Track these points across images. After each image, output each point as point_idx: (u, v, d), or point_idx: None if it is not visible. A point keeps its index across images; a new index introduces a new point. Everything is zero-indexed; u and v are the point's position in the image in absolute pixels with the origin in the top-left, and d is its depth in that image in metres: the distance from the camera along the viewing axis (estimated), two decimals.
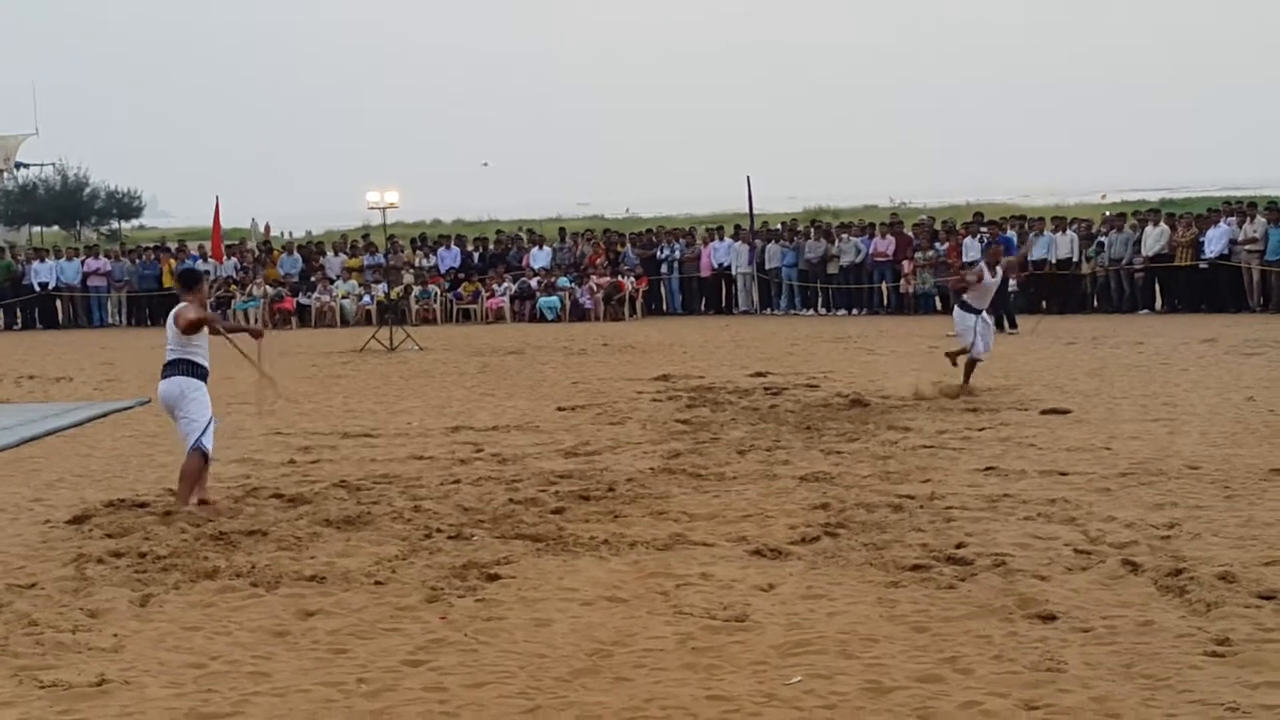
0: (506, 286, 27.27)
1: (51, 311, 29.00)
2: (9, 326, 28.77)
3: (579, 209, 61.96)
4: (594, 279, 26.89)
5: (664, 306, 27.70)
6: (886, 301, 25.89)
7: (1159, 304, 23.81)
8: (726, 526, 7.68)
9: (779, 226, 28.14)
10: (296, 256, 29.56)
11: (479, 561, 6.92)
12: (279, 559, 7.08)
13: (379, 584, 6.58)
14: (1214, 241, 22.80)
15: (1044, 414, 11.62)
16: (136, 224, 57.47)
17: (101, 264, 29.20)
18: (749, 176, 28.06)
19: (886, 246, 25.68)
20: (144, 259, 29.26)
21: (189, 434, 8.40)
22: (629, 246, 28.34)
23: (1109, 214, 27.15)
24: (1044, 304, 23.77)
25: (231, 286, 27.76)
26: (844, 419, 11.75)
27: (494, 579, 6.64)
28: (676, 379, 15.26)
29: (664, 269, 27.69)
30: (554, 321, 25.94)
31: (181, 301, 8.64)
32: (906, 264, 25.38)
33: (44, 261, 29.32)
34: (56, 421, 12.60)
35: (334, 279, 28.10)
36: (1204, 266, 22.93)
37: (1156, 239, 23.42)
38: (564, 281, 26.98)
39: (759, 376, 15.26)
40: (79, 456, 10.82)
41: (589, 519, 7.95)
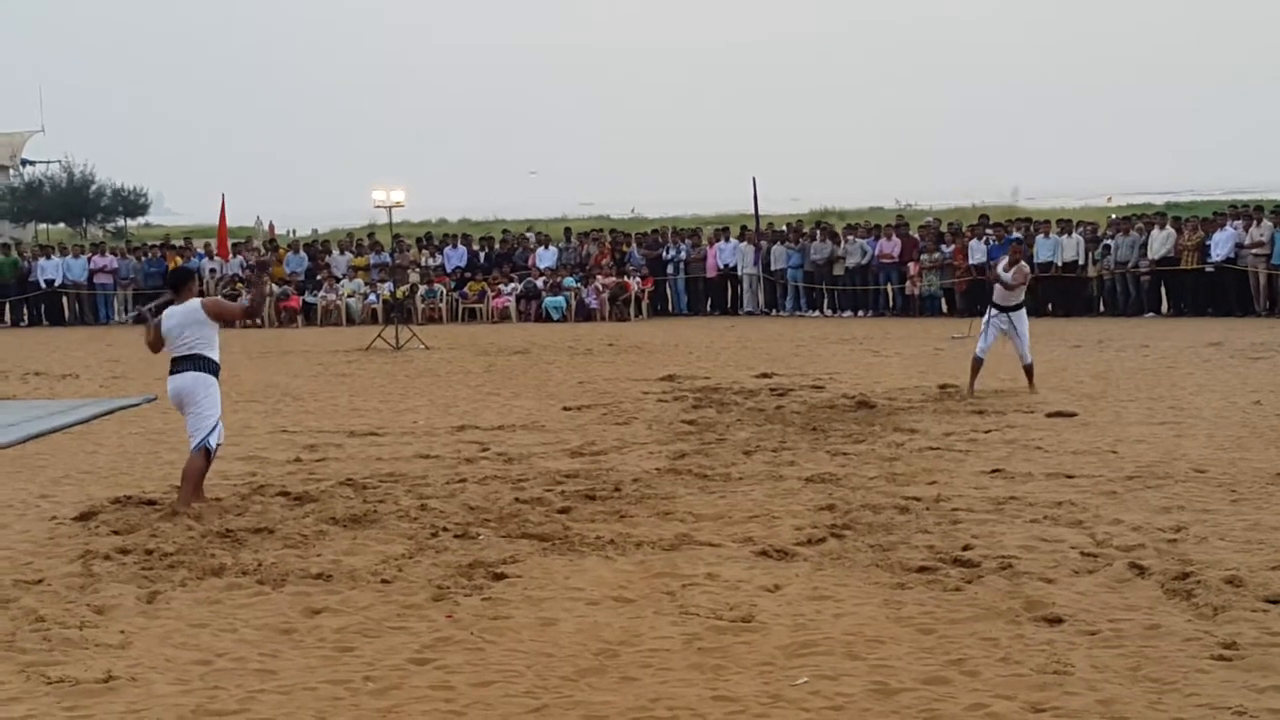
0: (513, 286, 27.30)
1: (58, 308, 29.06)
2: (15, 323, 28.85)
3: (583, 209, 61.93)
4: (600, 279, 26.90)
5: (669, 307, 27.71)
6: (892, 303, 25.89)
7: (1165, 307, 23.79)
8: (732, 527, 7.68)
9: (784, 228, 28.14)
10: (303, 255, 29.62)
11: (485, 560, 6.92)
12: (285, 557, 7.08)
13: (385, 582, 6.59)
14: (1220, 245, 22.79)
15: (1050, 417, 11.62)
16: (142, 221, 57.50)
17: (108, 261, 29.24)
18: (754, 177, 28.09)
19: (892, 248, 25.69)
20: (150, 256, 29.31)
21: (198, 431, 8.36)
22: (635, 247, 28.35)
23: (1115, 217, 27.15)
24: (1050, 306, 23.76)
25: (237, 284, 27.79)
26: (850, 420, 11.75)
27: (500, 578, 6.64)
28: (682, 379, 15.26)
29: (670, 269, 27.71)
30: (559, 321, 25.94)
31: (174, 302, 8.57)
32: (912, 266, 25.39)
33: (50, 258, 29.41)
34: (63, 418, 12.62)
35: (340, 277, 28.15)
36: (1210, 270, 22.92)
37: (1163, 242, 23.41)
38: (570, 281, 26.99)
39: (765, 377, 15.26)
40: (85, 453, 10.83)
41: (595, 519, 7.94)
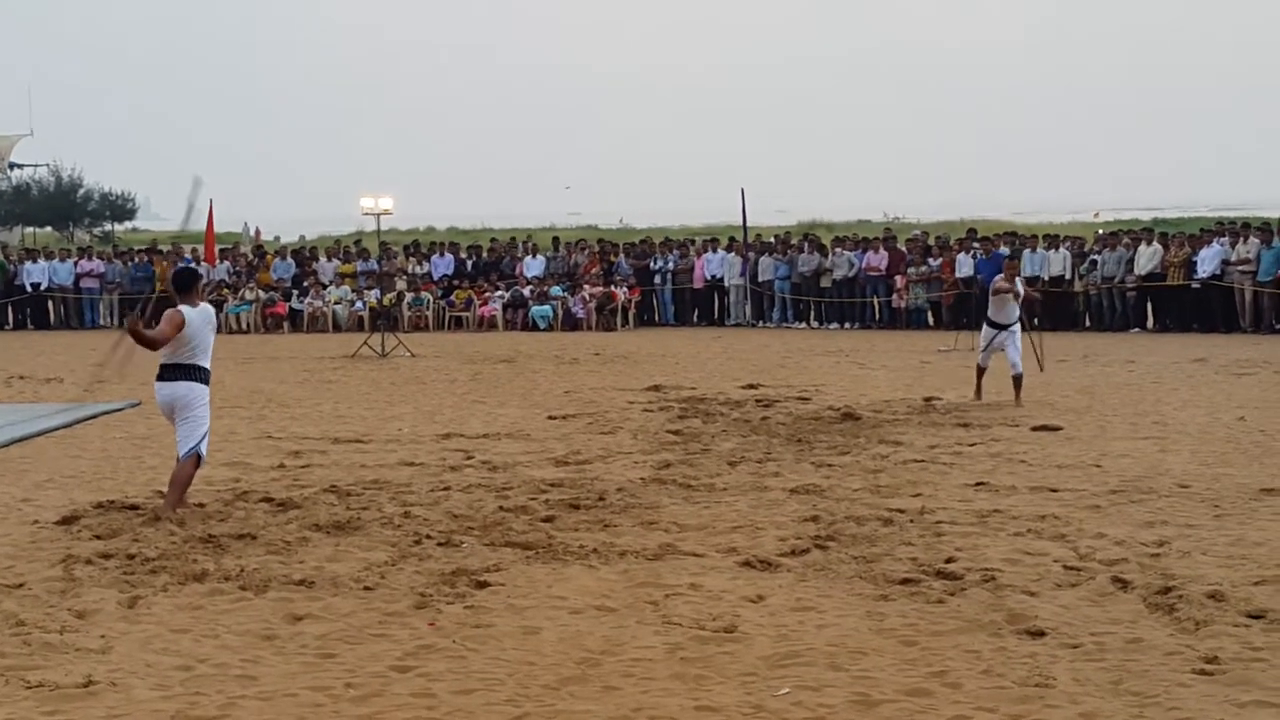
0: (500, 295, 27.29)
1: (43, 312, 28.97)
2: (0, 326, 28.74)
3: (570, 218, 61.80)
4: (587, 288, 26.91)
5: (656, 317, 27.73)
6: (879, 316, 25.94)
7: (1151, 323, 23.87)
8: (716, 537, 7.67)
9: (773, 239, 28.19)
10: (290, 261, 29.57)
11: (468, 568, 6.90)
12: (268, 563, 7.06)
13: (368, 589, 6.57)
14: (1206, 261, 22.89)
15: (1035, 430, 11.64)
16: (129, 226, 57.27)
17: (94, 265, 29.18)
18: (743, 189, 28.17)
19: (879, 261, 25.75)
20: (136, 261, 29.26)
21: (188, 438, 8.26)
22: (622, 257, 28.38)
23: (1102, 232, 27.24)
24: (1036, 321, 23.79)
25: (224, 290, 27.73)
26: (835, 432, 11.76)
27: (483, 586, 6.62)
28: (668, 390, 15.26)
29: (657, 280, 27.74)
30: (546, 330, 25.94)
31: (174, 302, 8.51)
32: (899, 279, 25.45)
33: (36, 262, 29.33)
34: (46, 422, 12.57)
35: (327, 284, 28.11)
36: (1196, 286, 23.01)
37: (1149, 258, 23.50)
38: (557, 291, 26.99)
39: (751, 388, 15.27)
40: (69, 457, 10.78)
41: (579, 528, 7.93)
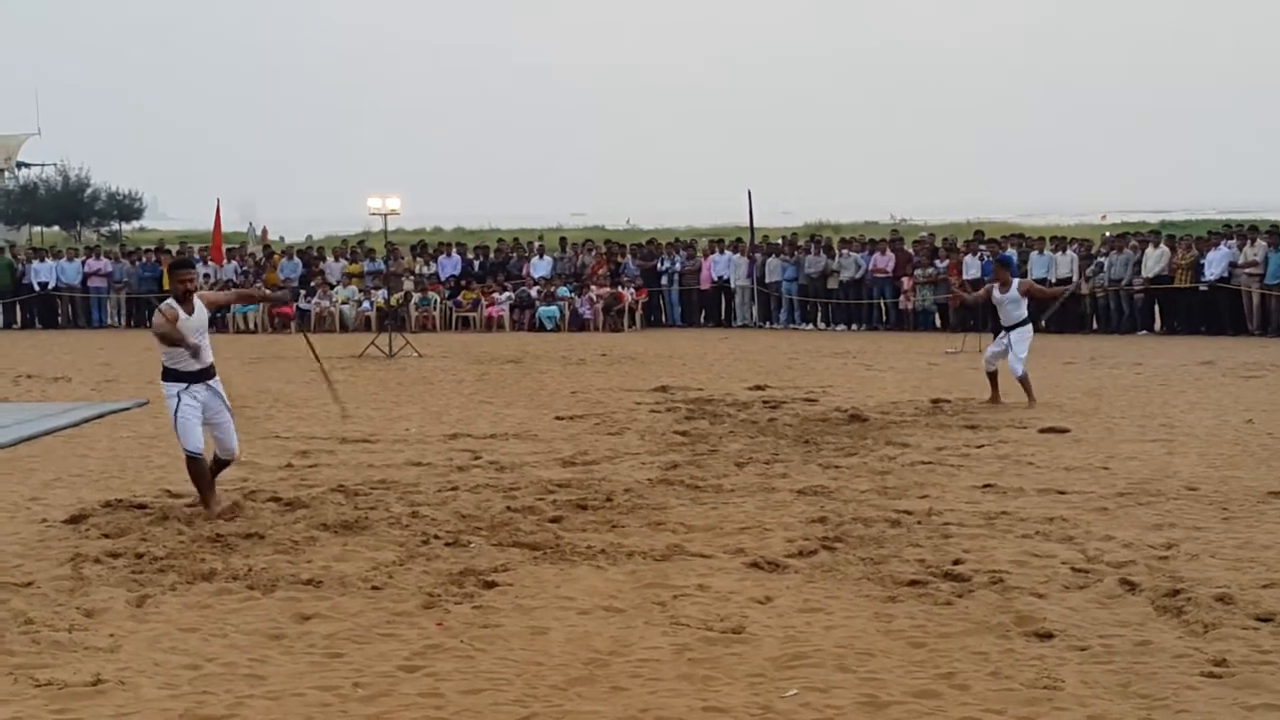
0: (506, 295, 27.30)
1: (51, 311, 29.01)
2: (8, 325, 28.78)
3: (575, 219, 61.90)
4: (594, 289, 26.91)
5: (663, 318, 27.72)
6: (886, 317, 25.91)
7: (1158, 325, 23.82)
8: (724, 538, 7.67)
9: (780, 241, 28.18)
10: (297, 261, 29.56)
11: (476, 569, 6.91)
12: (276, 562, 7.07)
13: (376, 589, 6.58)
14: (1214, 264, 22.83)
15: (1042, 432, 11.63)
16: (137, 225, 57.38)
17: (102, 265, 29.22)
18: (750, 190, 28.16)
19: (886, 263, 25.72)
20: (144, 261, 29.29)
21: (235, 434, 8.74)
22: (629, 257, 28.37)
23: (1109, 235, 27.21)
24: (1043, 323, 23.77)
25: (231, 290, 27.76)
26: (842, 434, 11.76)
27: (491, 586, 6.63)
28: (675, 390, 15.26)
29: (664, 281, 27.72)
30: (553, 331, 25.93)
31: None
32: (906, 281, 25.42)
33: (44, 261, 29.36)
34: (54, 421, 12.59)
35: (334, 284, 28.13)
36: (1204, 289, 22.96)
37: (1156, 260, 23.46)
38: (564, 291, 26.99)
39: (758, 390, 15.26)
40: (76, 456, 10.81)
41: (586, 528, 7.94)
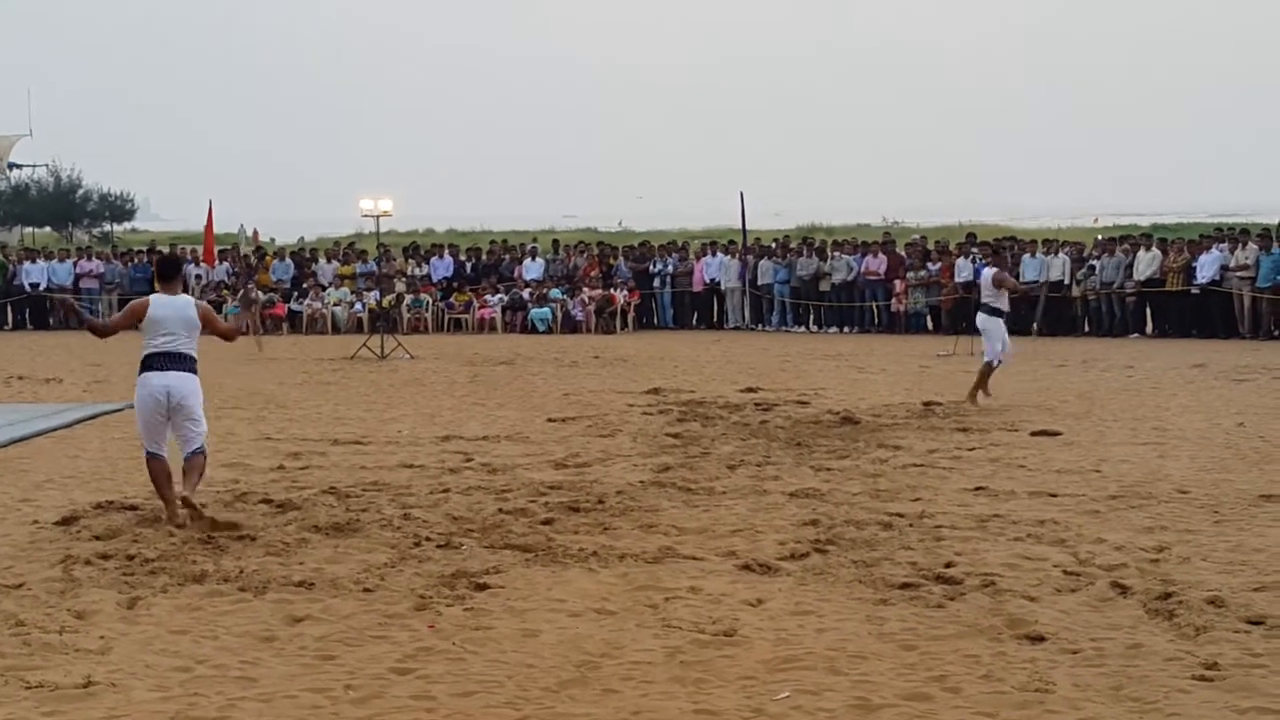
0: (499, 297, 27.29)
1: (42, 312, 28.94)
2: None
3: (566, 220, 61.80)
4: (586, 291, 26.91)
5: (655, 320, 27.73)
6: (878, 320, 25.95)
7: (1149, 328, 23.88)
8: (716, 541, 7.67)
9: (773, 243, 28.20)
10: (289, 262, 29.56)
11: (468, 571, 6.90)
12: (267, 564, 7.06)
13: (367, 591, 6.56)
14: (1205, 267, 22.90)
15: (1034, 435, 11.64)
16: (129, 226, 57.25)
17: (94, 266, 29.18)
18: (742, 193, 28.17)
19: (878, 265, 25.76)
20: (136, 262, 29.25)
21: (198, 436, 8.11)
22: (622, 259, 28.38)
23: (1102, 238, 27.25)
24: (1035, 326, 23.81)
25: (223, 291, 27.73)
26: (834, 436, 11.76)
27: (483, 588, 6.62)
28: (667, 393, 15.26)
29: (656, 283, 27.74)
30: (545, 333, 25.93)
31: (161, 291, 8.37)
32: (898, 283, 25.45)
33: (35, 262, 29.33)
34: (45, 422, 12.56)
35: (326, 286, 28.12)
36: (1195, 292, 23.02)
37: (1148, 264, 23.51)
38: (556, 293, 26.99)
39: (750, 392, 15.27)
40: (68, 458, 10.78)
41: (578, 530, 7.93)
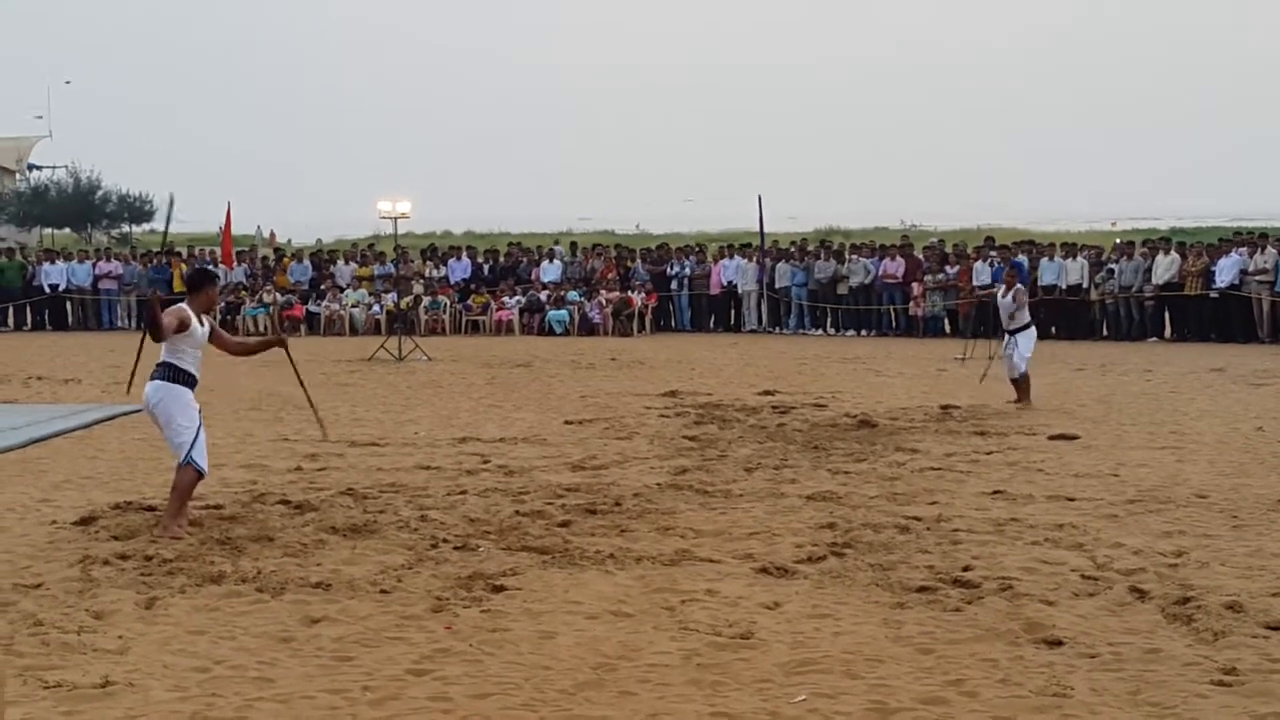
0: (516, 299, 27.33)
1: (62, 313, 29.11)
2: (19, 327, 28.90)
3: (582, 223, 61.80)
4: (603, 294, 26.93)
5: (673, 323, 27.75)
6: (895, 323, 25.91)
7: (1168, 332, 23.80)
8: (733, 544, 7.66)
9: (790, 246, 28.19)
10: (307, 264, 29.67)
11: (485, 572, 6.91)
12: (285, 565, 7.07)
13: (384, 592, 6.57)
14: (1224, 271, 22.82)
15: (1052, 439, 11.61)
16: (148, 228, 57.49)
17: (113, 267, 29.33)
18: (760, 196, 28.18)
19: (896, 268, 25.73)
20: (155, 263, 29.39)
21: (179, 446, 7.98)
22: (639, 262, 28.40)
23: (1120, 241, 27.19)
24: (1053, 330, 23.78)
25: (241, 292, 27.84)
26: (851, 439, 11.74)
27: (499, 590, 6.63)
28: (684, 395, 15.26)
29: (674, 285, 27.75)
30: (563, 335, 25.96)
31: (188, 304, 8.45)
32: (916, 286, 25.41)
33: (55, 263, 29.49)
34: (64, 423, 12.62)
35: (344, 287, 28.20)
36: (1214, 296, 22.93)
37: (1167, 267, 23.44)
38: (573, 296, 27.02)
39: (767, 395, 15.26)
40: (86, 458, 10.82)
41: (595, 533, 7.93)
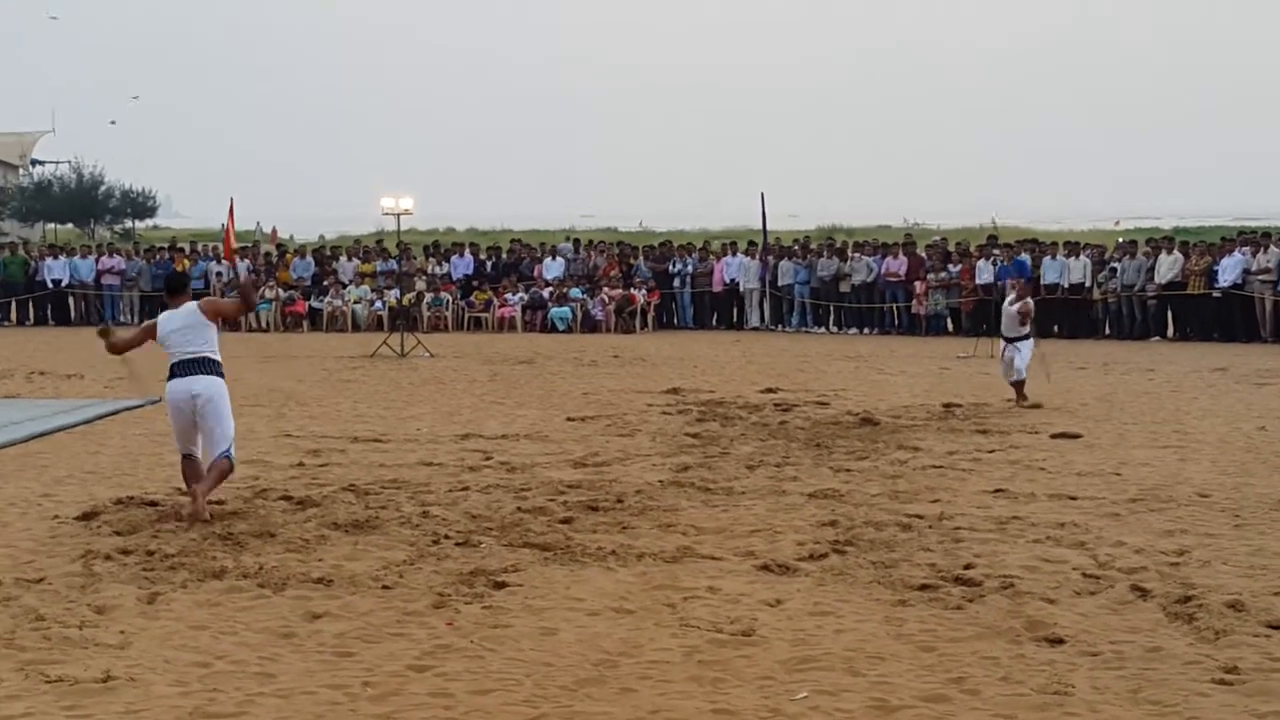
0: (519, 296, 27.33)
1: (64, 308, 29.13)
2: (22, 322, 28.91)
3: (584, 220, 61.77)
4: (606, 291, 26.93)
5: (675, 320, 27.75)
6: (898, 321, 25.91)
7: (1171, 331, 23.78)
8: (734, 541, 7.67)
9: (793, 244, 28.19)
10: (309, 260, 29.67)
11: (486, 569, 6.91)
12: (286, 561, 7.08)
13: (386, 588, 6.58)
14: (1227, 271, 22.79)
15: (1054, 438, 11.61)
16: (150, 223, 57.54)
17: (115, 262, 29.32)
18: (763, 194, 28.17)
19: (899, 267, 25.72)
20: (158, 258, 29.39)
21: (229, 440, 8.20)
22: (642, 259, 28.40)
23: (1123, 240, 27.17)
24: (1055, 328, 23.76)
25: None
26: (854, 437, 11.75)
27: (501, 587, 6.63)
28: (687, 393, 15.26)
29: (676, 283, 27.75)
30: (565, 332, 25.96)
31: (170, 307, 8.49)
32: (919, 285, 25.41)
33: (58, 259, 29.49)
34: (67, 418, 12.63)
35: (347, 284, 28.20)
36: (1217, 295, 22.91)
37: (1170, 267, 23.42)
38: (576, 293, 27.02)
39: (769, 392, 15.26)
40: (89, 453, 10.84)
41: (597, 529, 7.94)
